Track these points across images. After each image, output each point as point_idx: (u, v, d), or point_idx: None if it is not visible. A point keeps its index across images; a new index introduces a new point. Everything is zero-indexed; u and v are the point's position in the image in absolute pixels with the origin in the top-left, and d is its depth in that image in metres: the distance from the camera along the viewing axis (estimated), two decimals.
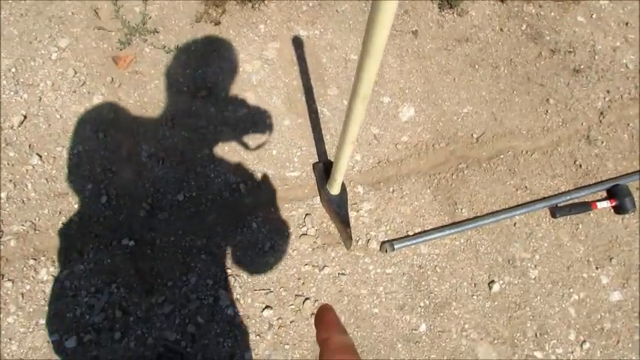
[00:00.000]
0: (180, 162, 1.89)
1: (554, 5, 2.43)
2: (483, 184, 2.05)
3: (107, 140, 1.88)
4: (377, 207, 1.94)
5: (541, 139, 2.16)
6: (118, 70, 1.98)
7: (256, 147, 1.95)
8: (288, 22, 2.18)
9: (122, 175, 1.84)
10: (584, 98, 2.26)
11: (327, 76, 2.12)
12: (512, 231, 1.99)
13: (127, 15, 2.06)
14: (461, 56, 2.25)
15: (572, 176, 2.12)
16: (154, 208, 1.81)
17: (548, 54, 2.33)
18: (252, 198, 1.88)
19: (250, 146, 1.95)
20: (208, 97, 1.99)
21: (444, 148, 2.08)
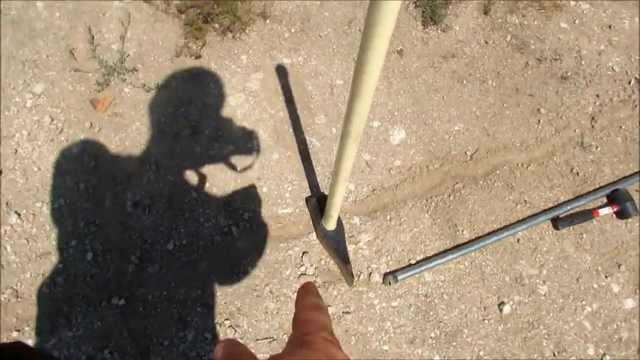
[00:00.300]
0: (167, 208, 1.73)
1: (537, 14, 2.32)
2: (482, 202, 1.92)
3: (89, 191, 1.72)
4: (375, 237, 1.80)
5: (535, 150, 2.04)
6: (96, 113, 1.82)
7: (243, 169, 1.81)
8: (271, 50, 2.04)
9: (107, 228, 1.69)
10: (574, 105, 2.15)
11: (313, 104, 1.98)
12: (517, 248, 1.87)
13: (104, 54, 1.91)
14: (448, 73, 2.13)
15: (571, 185, 2.00)
16: (143, 262, 1.66)
17: (535, 63, 2.21)
18: (245, 241, 1.73)
19: (237, 168, 1.81)
20: (192, 135, 1.84)
21: (439, 168, 1.95)
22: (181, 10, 1.90)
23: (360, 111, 0.84)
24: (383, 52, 0.68)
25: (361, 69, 0.73)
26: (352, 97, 0.82)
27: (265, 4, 2.04)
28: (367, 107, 0.83)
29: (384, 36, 0.65)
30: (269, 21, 2.05)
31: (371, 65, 0.71)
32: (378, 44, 0.66)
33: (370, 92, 0.78)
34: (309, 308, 0.41)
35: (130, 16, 1.94)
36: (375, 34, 0.65)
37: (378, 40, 0.66)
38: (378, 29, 0.63)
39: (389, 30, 0.64)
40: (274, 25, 2.06)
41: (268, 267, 1.71)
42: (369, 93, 0.78)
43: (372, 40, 0.66)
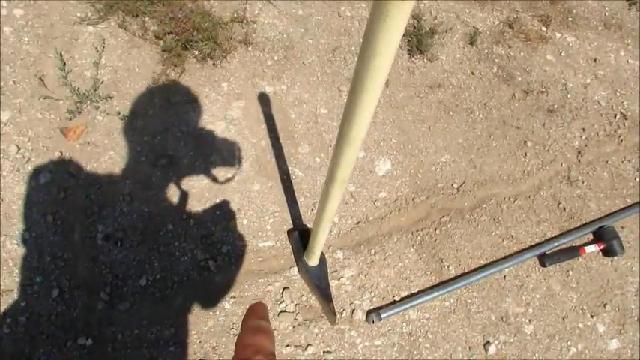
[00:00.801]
0: (141, 241, 1.80)
1: (523, 45, 2.52)
2: (468, 236, 2.04)
3: (57, 223, 1.78)
4: (359, 272, 1.90)
5: (522, 184, 2.19)
6: (67, 142, 1.90)
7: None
8: (253, 77, 2.16)
9: (76, 262, 1.74)
10: (561, 138, 2.32)
11: (296, 133, 2.09)
12: (503, 285, 1.99)
13: (77, 81, 2.00)
14: (434, 103, 2.28)
15: (557, 220, 2.14)
16: (113, 298, 1.71)
17: (522, 95, 2.39)
18: (222, 275, 1.80)
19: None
20: (169, 165, 1.93)
21: (425, 201, 2.08)
22: (159, 36, 2.01)
23: (348, 157, 0.93)
24: (376, 97, 0.74)
25: (351, 117, 0.80)
26: (340, 144, 0.91)
27: (247, 31, 2.18)
28: (356, 153, 0.93)
29: (377, 85, 0.68)
30: (251, 48, 2.18)
31: (362, 112, 0.78)
32: (372, 89, 0.71)
33: (360, 139, 0.87)
34: (249, 331, 0.45)
35: (104, 42, 2.05)
36: (368, 80, 0.67)
37: (371, 87, 0.69)
38: (371, 77, 0.66)
39: (382, 78, 0.68)
40: (256, 53, 2.19)
41: (247, 303, 1.78)
42: (358, 140, 0.87)
43: (364, 87, 0.69)
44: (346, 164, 0.98)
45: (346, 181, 1.06)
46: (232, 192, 1.93)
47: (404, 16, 0.57)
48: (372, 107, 0.77)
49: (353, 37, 2.36)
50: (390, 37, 0.61)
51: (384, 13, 0.57)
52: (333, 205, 1.17)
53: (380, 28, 0.59)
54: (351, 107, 0.79)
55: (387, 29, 0.59)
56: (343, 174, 1.02)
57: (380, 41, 0.61)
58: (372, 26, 0.60)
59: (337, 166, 0.99)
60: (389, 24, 0.58)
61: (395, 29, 0.59)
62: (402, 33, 0.61)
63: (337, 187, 1.08)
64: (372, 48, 0.64)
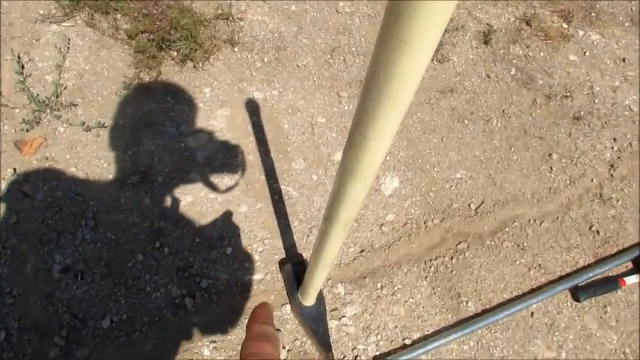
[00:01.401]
0: (105, 275, 1.55)
1: (543, 44, 2.28)
2: (489, 266, 1.79)
3: (7, 253, 1.53)
4: (363, 310, 1.64)
5: (549, 203, 1.94)
6: (22, 157, 1.65)
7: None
8: (240, 82, 1.92)
9: (27, 299, 1.49)
10: (590, 150, 2.08)
11: (290, 146, 1.85)
12: (531, 324, 1.73)
13: (36, 86, 1.76)
14: (447, 110, 2.04)
15: (590, 246, 1.89)
16: (69, 343, 1.46)
17: (544, 100, 2.15)
18: (201, 315, 1.55)
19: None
20: (141, 184, 1.68)
21: (439, 225, 1.82)
22: (132, 35, 1.77)
23: (355, 195, 0.69)
24: (396, 124, 0.52)
25: (363, 144, 0.57)
26: (345, 178, 0.67)
27: (233, 29, 1.94)
28: (366, 191, 0.69)
29: (403, 100, 0.48)
30: (237, 48, 1.95)
31: (378, 139, 0.55)
32: (392, 111, 0.50)
33: (372, 173, 0.64)
34: (253, 339, 0.44)
35: (69, 42, 1.82)
36: (391, 94, 0.47)
37: (393, 105, 0.49)
38: (396, 90, 0.46)
39: (406, 101, 0.48)
40: (244, 54, 1.95)
41: (230, 349, 1.53)
42: (370, 174, 0.64)
43: (382, 111, 0.49)
44: (353, 203, 0.73)
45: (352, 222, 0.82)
46: (214, 215, 1.68)
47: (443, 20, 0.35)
48: (390, 134, 0.54)
49: (353, 35, 2.12)
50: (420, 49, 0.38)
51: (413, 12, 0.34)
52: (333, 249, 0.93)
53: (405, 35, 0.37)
54: (362, 131, 0.55)
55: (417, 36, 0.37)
56: (348, 214, 0.77)
57: (411, 49, 0.39)
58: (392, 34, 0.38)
59: (341, 204, 0.75)
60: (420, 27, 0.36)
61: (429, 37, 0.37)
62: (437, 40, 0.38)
63: (340, 230, 0.83)
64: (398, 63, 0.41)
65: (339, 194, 0.75)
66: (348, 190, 0.72)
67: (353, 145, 0.61)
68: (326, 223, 0.87)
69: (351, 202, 0.76)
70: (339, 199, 0.77)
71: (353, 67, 2.04)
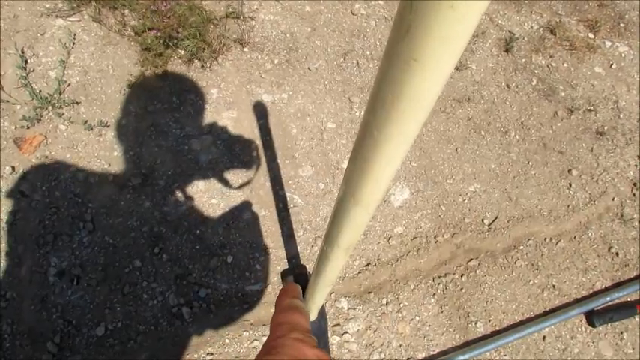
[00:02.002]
0: (101, 280, 1.52)
1: (567, 55, 2.20)
2: (501, 285, 1.73)
3: (1, 254, 1.51)
4: (367, 327, 1.59)
5: (566, 221, 1.87)
6: (22, 155, 1.63)
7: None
8: (248, 84, 1.88)
9: (21, 303, 1.46)
10: (612, 167, 2.00)
11: (297, 152, 1.80)
12: (542, 348, 1.67)
13: (39, 82, 1.73)
14: (463, 120, 1.98)
15: (608, 268, 1.82)
16: (62, 350, 1.43)
17: (565, 113, 2.07)
18: (198, 326, 1.51)
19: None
20: (142, 186, 1.65)
21: (449, 240, 1.77)
22: (139, 32, 1.74)
23: (357, 221, 0.64)
24: (407, 146, 0.46)
25: (365, 169, 0.51)
26: (346, 202, 0.61)
27: (244, 29, 1.89)
28: (369, 217, 0.63)
29: (422, 111, 0.42)
30: (247, 49, 1.90)
31: (383, 166, 0.49)
32: (401, 137, 0.43)
33: (377, 199, 0.58)
34: (283, 310, 0.46)
35: (75, 38, 1.78)
36: (405, 107, 0.40)
37: (410, 113, 0.41)
38: (412, 102, 0.39)
39: (421, 119, 0.41)
40: (254, 54, 1.91)
41: None
42: (374, 200, 0.58)
43: (393, 129, 0.42)
44: (354, 229, 0.67)
45: (353, 247, 0.76)
46: (216, 222, 1.64)
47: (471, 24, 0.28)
48: (398, 160, 0.47)
49: (368, 39, 2.06)
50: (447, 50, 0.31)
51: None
52: (334, 271, 0.87)
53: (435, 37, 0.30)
54: (365, 155, 0.49)
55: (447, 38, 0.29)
56: (349, 240, 0.72)
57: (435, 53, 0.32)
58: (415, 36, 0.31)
59: (341, 229, 0.69)
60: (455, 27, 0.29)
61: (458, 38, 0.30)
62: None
63: (341, 254, 0.78)
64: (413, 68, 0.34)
65: (340, 218, 0.69)
66: (349, 216, 0.66)
67: (355, 169, 0.55)
68: (326, 244, 0.82)
69: (351, 228, 0.70)
70: (339, 223, 0.71)
71: (366, 72, 1.98)
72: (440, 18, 0.26)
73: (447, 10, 0.25)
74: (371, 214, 0.65)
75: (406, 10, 0.28)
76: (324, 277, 0.95)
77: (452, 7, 0.25)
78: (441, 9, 0.25)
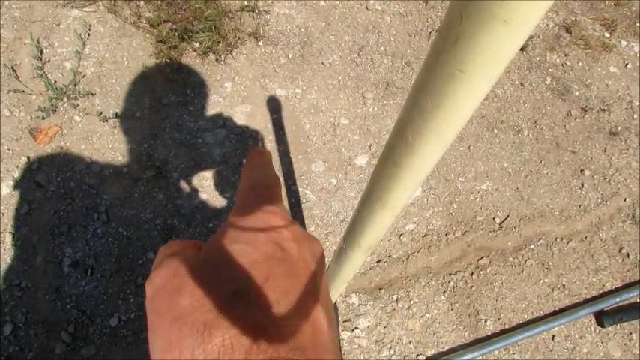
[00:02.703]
0: (115, 271, 1.52)
1: (582, 54, 2.18)
2: (511, 284, 1.72)
3: (17, 244, 1.51)
4: (377, 323, 1.60)
5: (577, 221, 1.86)
6: (37, 146, 1.63)
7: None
8: (262, 78, 1.87)
9: (35, 293, 1.47)
10: (624, 167, 1.99)
11: (310, 148, 1.80)
12: (551, 347, 1.67)
13: (54, 73, 1.73)
14: (476, 118, 1.96)
15: (619, 269, 1.81)
16: (76, 340, 1.44)
17: (579, 113, 2.06)
18: None
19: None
20: (156, 179, 1.65)
21: (460, 237, 1.76)
22: (154, 24, 1.73)
23: (381, 222, 0.63)
24: (441, 153, 0.45)
25: (396, 174, 0.50)
26: (371, 204, 0.61)
27: (259, 23, 1.88)
28: (394, 219, 0.63)
29: (447, 138, 0.40)
30: (262, 43, 1.89)
31: (416, 172, 0.48)
32: (438, 145, 0.42)
33: (403, 204, 0.58)
34: (252, 180, 0.35)
35: (90, 29, 1.77)
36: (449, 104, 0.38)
37: (452, 115, 0.39)
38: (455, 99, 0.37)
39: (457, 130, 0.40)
40: (268, 49, 1.90)
41: None
42: (400, 205, 0.57)
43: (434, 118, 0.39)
44: (377, 230, 0.67)
45: (373, 248, 0.76)
46: (228, 215, 1.64)
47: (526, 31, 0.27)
48: (430, 167, 0.47)
49: (383, 34, 2.05)
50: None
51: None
52: (351, 270, 0.87)
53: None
54: (397, 161, 0.49)
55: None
56: (371, 240, 0.71)
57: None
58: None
59: (364, 230, 0.69)
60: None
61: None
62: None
63: (361, 254, 0.78)
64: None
65: (363, 219, 0.69)
66: (374, 218, 0.66)
67: (384, 174, 0.55)
68: (346, 243, 0.82)
69: (375, 230, 0.70)
70: (362, 225, 0.71)
71: (380, 68, 1.97)
72: (492, 32, 0.25)
73: (499, 24, 0.24)
74: (396, 216, 0.65)
75: (455, 21, 0.27)
76: (341, 274, 0.95)
77: (505, 21, 0.24)
78: (493, 23, 0.24)
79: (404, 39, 2.07)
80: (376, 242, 0.75)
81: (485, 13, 0.23)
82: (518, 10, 0.22)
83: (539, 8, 0.22)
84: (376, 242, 0.75)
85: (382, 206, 0.60)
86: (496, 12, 0.23)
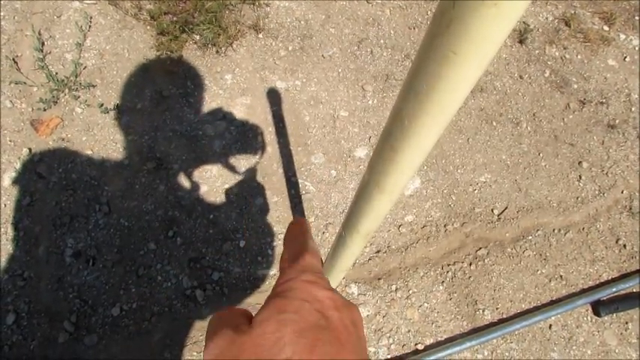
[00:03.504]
0: (117, 261, 1.53)
1: (581, 47, 2.18)
2: (508, 274, 1.74)
3: (19, 235, 1.52)
4: (376, 312, 1.61)
5: (575, 213, 1.87)
6: (38, 137, 1.63)
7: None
8: (262, 70, 1.87)
9: (38, 283, 1.48)
10: (622, 160, 1.99)
11: (310, 139, 1.80)
12: (548, 336, 1.68)
13: (55, 65, 1.73)
14: (475, 110, 1.97)
15: (616, 260, 1.82)
16: (78, 329, 1.45)
17: (577, 106, 2.06)
18: (211, 308, 1.53)
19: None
20: (157, 170, 1.65)
21: (459, 229, 1.77)
22: (155, 16, 1.73)
23: (379, 208, 0.64)
24: (437, 136, 0.46)
25: (393, 158, 0.50)
26: (369, 190, 0.61)
27: (259, 15, 1.88)
28: (392, 204, 0.63)
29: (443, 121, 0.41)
30: (262, 35, 1.89)
31: (412, 155, 0.48)
32: (433, 127, 0.43)
33: (402, 186, 0.58)
34: (294, 251, 0.41)
35: (91, 21, 1.77)
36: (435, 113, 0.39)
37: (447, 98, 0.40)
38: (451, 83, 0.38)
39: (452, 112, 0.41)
40: (268, 41, 1.89)
41: None
42: (398, 190, 0.58)
43: (424, 118, 0.41)
44: (375, 216, 0.68)
45: (371, 235, 0.77)
46: (229, 207, 1.65)
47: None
48: (426, 150, 0.48)
49: (382, 27, 2.05)
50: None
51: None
52: (350, 257, 0.88)
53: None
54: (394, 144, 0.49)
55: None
56: (369, 226, 0.72)
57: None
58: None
59: (362, 216, 0.69)
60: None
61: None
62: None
63: (359, 241, 0.78)
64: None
65: (361, 205, 0.70)
66: (372, 203, 0.66)
67: (381, 158, 0.55)
68: (344, 230, 0.83)
69: (373, 215, 0.70)
70: (360, 210, 0.71)
71: (380, 61, 1.97)
72: (482, 16, 0.26)
73: (489, 8, 0.25)
74: (393, 201, 0.66)
75: (448, 5, 0.28)
76: (339, 263, 0.96)
77: (495, 5, 0.25)
78: (483, 7, 0.25)
79: (403, 32, 2.07)
80: (374, 228, 0.76)
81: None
82: None
83: None
84: (374, 228, 0.76)
85: (380, 191, 0.61)
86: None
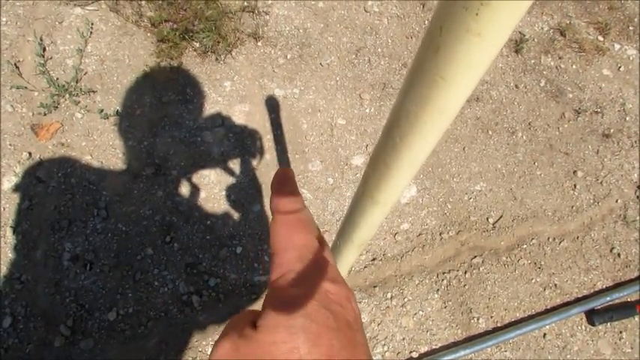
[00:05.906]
0: (114, 266, 1.53)
1: (576, 57, 2.19)
2: (503, 283, 1.74)
3: (18, 238, 1.52)
4: (372, 320, 1.61)
5: (570, 222, 1.88)
6: (38, 142, 1.64)
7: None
8: (261, 78, 1.88)
9: (35, 286, 1.48)
10: (617, 169, 2.00)
11: (308, 147, 1.81)
12: (542, 345, 1.68)
13: (56, 70, 1.73)
14: (471, 119, 1.98)
15: (610, 269, 1.83)
16: (75, 333, 1.45)
17: (573, 115, 2.07)
18: (207, 314, 1.53)
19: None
20: (155, 176, 1.66)
21: (454, 237, 1.77)
22: (155, 23, 1.73)
23: (373, 218, 0.64)
24: (426, 154, 0.46)
25: (385, 173, 0.51)
26: (363, 200, 0.62)
27: (258, 23, 1.89)
28: (386, 214, 0.64)
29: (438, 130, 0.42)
30: (261, 43, 1.90)
31: (403, 171, 0.49)
32: (422, 146, 0.44)
33: (396, 196, 0.59)
34: (284, 198, 0.35)
35: (92, 27, 1.78)
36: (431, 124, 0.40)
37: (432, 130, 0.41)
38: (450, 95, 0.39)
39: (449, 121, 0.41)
40: (267, 49, 1.90)
41: None
42: (391, 203, 0.58)
43: (420, 128, 0.41)
44: (369, 226, 0.68)
45: (366, 243, 0.77)
46: (226, 213, 1.65)
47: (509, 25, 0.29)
48: (416, 166, 0.48)
49: (380, 36, 2.06)
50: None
51: None
52: (343, 267, 0.88)
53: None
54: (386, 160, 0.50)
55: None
56: (363, 236, 0.73)
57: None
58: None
59: (356, 226, 0.70)
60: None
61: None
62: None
63: (353, 250, 0.79)
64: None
65: (356, 215, 0.70)
66: (366, 213, 0.67)
67: (375, 171, 0.56)
68: (339, 240, 0.83)
69: (367, 225, 0.71)
70: (354, 221, 0.72)
71: (377, 69, 1.98)
72: (467, 44, 0.27)
73: (474, 37, 0.26)
74: (387, 212, 0.66)
75: (436, 32, 0.28)
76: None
77: (479, 34, 0.26)
78: (468, 36, 0.26)
79: (401, 41, 2.08)
80: (368, 238, 0.76)
81: (462, 26, 0.25)
82: (490, 25, 0.24)
83: (509, 23, 0.24)
84: (368, 238, 0.76)
85: (374, 203, 0.62)
86: (471, 26, 0.24)
